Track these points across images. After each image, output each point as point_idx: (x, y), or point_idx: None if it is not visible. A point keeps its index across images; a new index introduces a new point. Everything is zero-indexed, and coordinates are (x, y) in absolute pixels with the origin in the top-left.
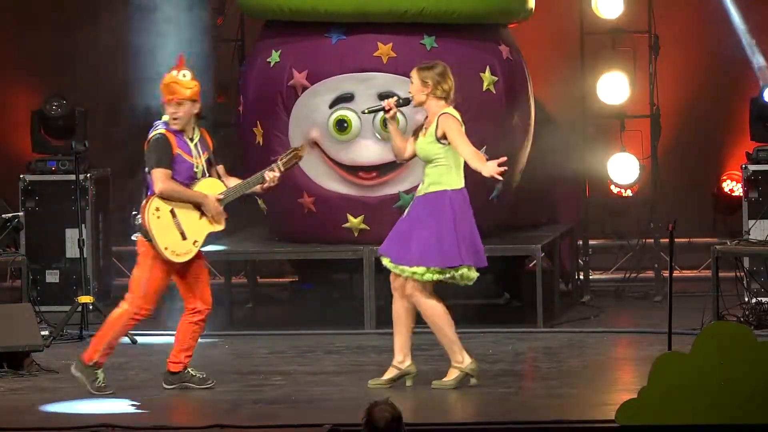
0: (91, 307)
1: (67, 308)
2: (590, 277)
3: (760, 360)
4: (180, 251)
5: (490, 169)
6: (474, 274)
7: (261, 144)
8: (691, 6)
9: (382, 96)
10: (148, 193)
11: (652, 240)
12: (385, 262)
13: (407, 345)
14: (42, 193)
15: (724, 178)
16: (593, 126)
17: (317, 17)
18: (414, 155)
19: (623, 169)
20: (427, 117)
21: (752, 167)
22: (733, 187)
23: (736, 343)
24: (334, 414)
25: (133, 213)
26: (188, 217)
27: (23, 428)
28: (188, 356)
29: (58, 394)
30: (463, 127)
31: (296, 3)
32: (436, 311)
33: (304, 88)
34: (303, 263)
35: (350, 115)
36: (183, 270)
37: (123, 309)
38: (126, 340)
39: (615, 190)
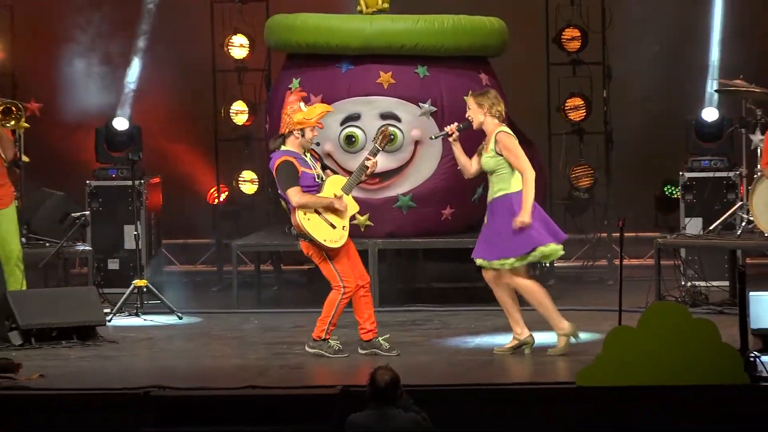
0: (144, 289)
1: (125, 290)
2: (555, 264)
3: (694, 333)
4: (335, 238)
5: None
6: (553, 249)
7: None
8: (636, 42)
9: (384, 116)
10: (290, 207)
11: (606, 234)
12: (479, 262)
13: (520, 320)
14: (104, 196)
15: (665, 182)
16: (558, 140)
17: (329, 51)
18: (480, 170)
19: (582, 176)
20: (486, 135)
21: (688, 174)
22: (672, 190)
23: (675, 319)
24: (344, 377)
25: (289, 228)
26: (330, 211)
27: (90, 388)
28: (374, 323)
29: (117, 360)
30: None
31: (312, 39)
32: (531, 288)
33: None
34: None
35: (357, 132)
36: (342, 252)
37: (336, 294)
38: (171, 319)
39: (575, 192)
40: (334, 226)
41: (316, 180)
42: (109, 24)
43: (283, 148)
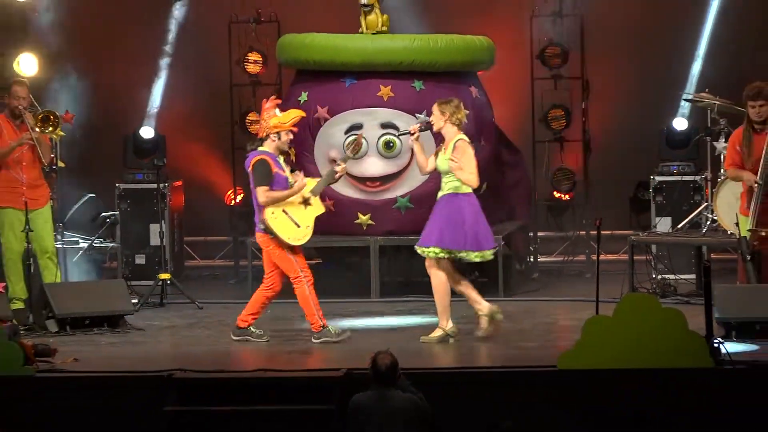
0: (168, 282)
1: (150, 283)
2: (538, 259)
3: (664, 321)
4: (299, 236)
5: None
6: (475, 256)
7: (294, 161)
8: (613, 60)
9: (384, 125)
10: (258, 204)
11: (584, 232)
12: (417, 249)
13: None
14: (132, 198)
15: (638, 186)
16: (541, 147)
17: (335, 67)
18: (435, 169)
19: (563, 179)
20: (444, 139)
21: (659, 178)
22: (645, 193)
23: (646, 309)
24: (348, 361)
25: (258, 224)
26: (296, 211)
27: (119, 371)
28: (254, 318)
29: (143, 346)
30: (473, 149)
31: (319, 57)
32: (441, 282)
33: (325, 120)
34: (325, 249)
35: (360, 141)
36: (273, 254)
37: (300, 286)
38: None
39: (557, 194)
40: (298, 225)
41: (288, 182)
42: (137, 42)
43: (260, 149)
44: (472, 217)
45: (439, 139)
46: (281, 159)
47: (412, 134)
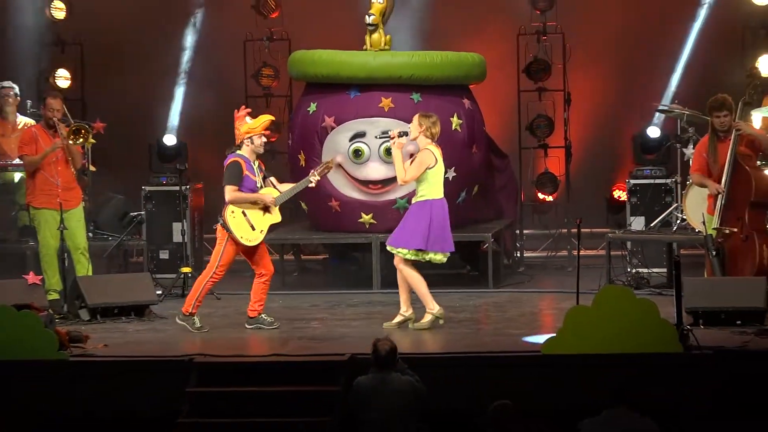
0: (189, 275)
1: (173, 276)
2: (524, 254)
3: (637, 311)
4: (251, 238)
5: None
6: (440, 258)
7: (304, 165)
8: (592, 75)
9: (384, 132)
10: (225, 203)
11: (566, 230)
12: (388, 248)
13: (408, 299)
14: (157, 199)
15: (614, 188)
16: (527, 153)
17: (340, 81)
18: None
19: (547, 182)
20: (419, 149)
21: (633, 181)
22: (620, 194)
23: (622, 300)
24: (352, 347)
25: (219, 216)
26: (255, 215)
27: (144, 356)
28: (261, 305)
29: (167, 333)
30: (439, 160)
31: (326, 71)
32: (413, 275)
33: (332, 128)
34: (331, 246)
35: (363, 146)
36: (252, 250)
37: (205, 275)
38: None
39: (541, 196)
40: (254, 228)
41: (257, 186)
42: (161, 58)
43: (237, 152)
44: (439, 222)
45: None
46: (255, 164)
47: (391, 138)
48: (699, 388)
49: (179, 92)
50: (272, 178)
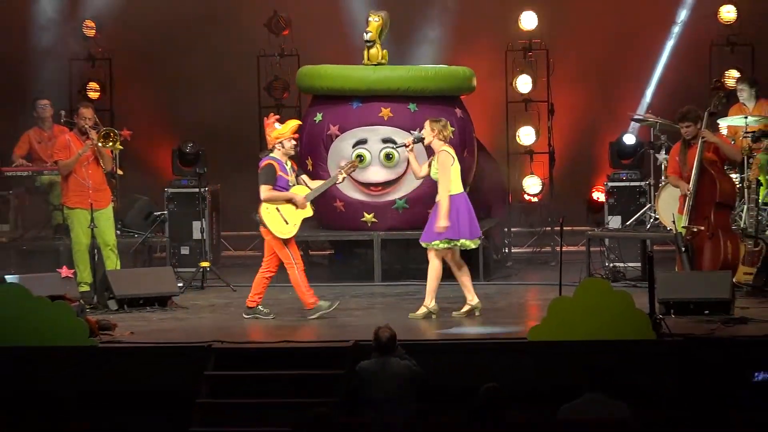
0: (208, 269)
1: (193, 270)
2: (512, 250)
3: (615, 301)
4: (285, 231)
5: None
6: (471, 244)
7: (311, 169)
8: (573, 87)
9: (385, 140)
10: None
11: (550, 228)
12: (423, 244)
13: (471, 288)
14: (178, 200)
15: (593, 190)
16: (514, 158)
17: (344, 93)
18: (428, 175)
19: (532, 185)
20: (434, 152)
21: (611, 184)
22: (599, 196)
23: (600, 291)
24: (356, 334)
25: (254, 214)
26: (288, 209)
27: (167, 342)
28: (260, 297)
29: (187, 321)
30: (455, 158)
31: (331, 84)
32: (437, 268)
33: (336, 136)
34: (337, 242)
35: (365, 152)
36: (275, 244)
37: (292, 271)
38: (227, 291)
39: (527, 197)
40: (287, 222)
41: (289, 184)
42: (181, 71)
43: (270, 155)
44: (465, 212)
45: (430, 151)
46: (288, 164)
47: (407, 146)
48: (670, 372)
49: (198, 103)
50: (304, 176)
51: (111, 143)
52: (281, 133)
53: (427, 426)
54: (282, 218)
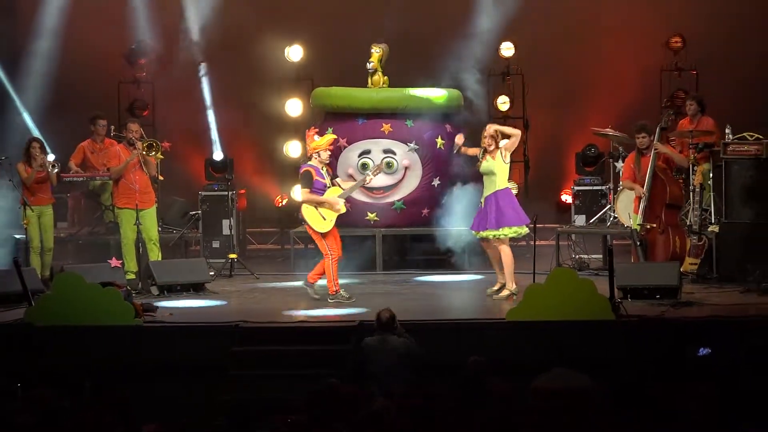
0: (235, 260)
1: (223, 260)
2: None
3: (580, 288)
4: (321, 225)
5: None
6: (523, 230)
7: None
8: (544, 106)
9: (385, 150)
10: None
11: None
12: (483, 235)
13: (500, 272)
14: (210, 201)
15: (562, 193)
16: None
17: (351, 111)
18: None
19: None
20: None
21: (576, 188)
22: (567, 198)
23: (568, 279)
24: (360, 315)
25: (297, 213)
26: (324, 208)
27: (200, 322)
28: (319, 276)
29: (218, 305)
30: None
31: (340, 103)
32: (510, 254)
33: (344, 147)
34: (346, 237)
35: (368, 161)
36: (329, 235)
37: (327, 261)
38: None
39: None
40: (324, 218)
41: (325, 186)
42: (213, 92)
43: (308, 162)
44: (515, 203)
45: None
46: (324, 170)
47: (458, 149)
48: (627, 348)
49: (228, 118)
50: (338, 179)
51: (154, 152)
52: (319, 144)
53: (422, 393)
54: (320, 215)
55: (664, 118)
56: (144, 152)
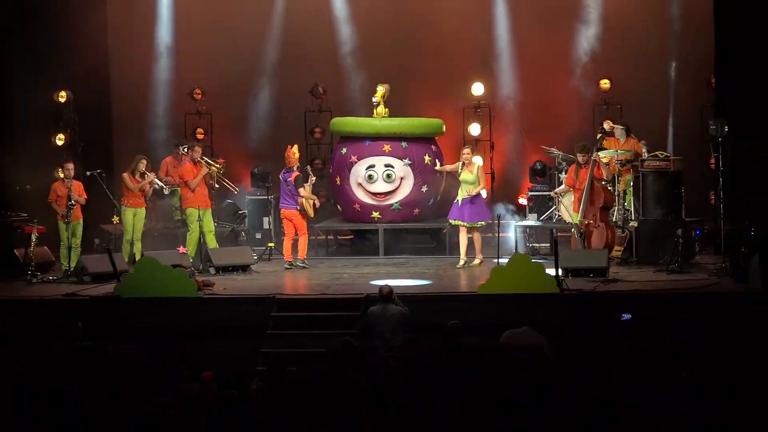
0: (273, 247)
1: (263, 248)
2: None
3: (533, 269)
4: (310, 213)
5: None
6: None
7: (339, 184)
8: (506, 132)
9: (386, 165)
10: (297, 195)
11: (492, 221)
12: (458, 223)
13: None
14: (254, 203)
15: (519, 197)
16: None
17: (360, 135)
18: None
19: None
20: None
21: (530, 193)
22: (523, 201)
23: (524, 262)
24: (367, 289)
25: (296, 206)
26: (307, 204)
27: (245, 294)
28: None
29: (259, 281)
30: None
31: (352, 129)
32: (479, 238)
33: (355, 162)
34: (355, 230)
35: (373, 173)
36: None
37: (303, 238)
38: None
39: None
40: (310, 208)
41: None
42: (252, 121)
43: (294, 169)
44: (484, 204)
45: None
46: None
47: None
48: (569, 314)
49: (267, 142)
50: (312, 177)
51: (214, 168)
52: (296, 157)
53: (414, 348)
54: (310, 205)
55: (598, 140)
56: (206, 169)
